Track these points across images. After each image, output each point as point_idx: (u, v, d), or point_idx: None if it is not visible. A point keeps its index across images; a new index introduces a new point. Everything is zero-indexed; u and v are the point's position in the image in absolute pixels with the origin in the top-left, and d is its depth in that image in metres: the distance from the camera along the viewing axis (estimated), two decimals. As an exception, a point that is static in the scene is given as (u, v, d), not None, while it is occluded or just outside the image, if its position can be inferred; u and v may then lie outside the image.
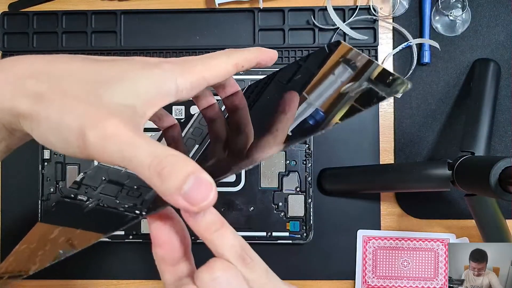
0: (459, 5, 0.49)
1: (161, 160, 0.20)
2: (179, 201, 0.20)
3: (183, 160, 0.21)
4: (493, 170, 0.35)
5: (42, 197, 0.49)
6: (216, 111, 0.31)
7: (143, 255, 0.50)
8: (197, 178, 0.20)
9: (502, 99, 0.49)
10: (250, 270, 0.24)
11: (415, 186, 0.45)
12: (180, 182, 0.20)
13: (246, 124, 0.28)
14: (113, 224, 0.25)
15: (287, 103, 0.27)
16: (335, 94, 0.25)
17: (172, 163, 0.20)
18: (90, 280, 0.50)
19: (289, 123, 0.25)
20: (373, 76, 0.25)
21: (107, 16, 0.51)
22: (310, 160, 0.48)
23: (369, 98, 0.23)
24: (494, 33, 0.50)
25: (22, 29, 0.51)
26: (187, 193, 0.20)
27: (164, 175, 0.20)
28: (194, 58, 0.26)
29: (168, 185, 0.20)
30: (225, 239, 0.24)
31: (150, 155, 0.21)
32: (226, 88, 0.30)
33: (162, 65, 0.25)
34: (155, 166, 0.20)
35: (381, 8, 0.50)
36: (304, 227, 0.48)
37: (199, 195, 0.20)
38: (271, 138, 0.25)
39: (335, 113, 0.24)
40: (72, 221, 0.28)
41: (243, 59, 0.27)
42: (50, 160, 0.49)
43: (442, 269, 0.49)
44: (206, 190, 0.20)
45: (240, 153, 0.25)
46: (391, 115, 0.50)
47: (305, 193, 0.48)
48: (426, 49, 0.50)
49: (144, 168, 0.21)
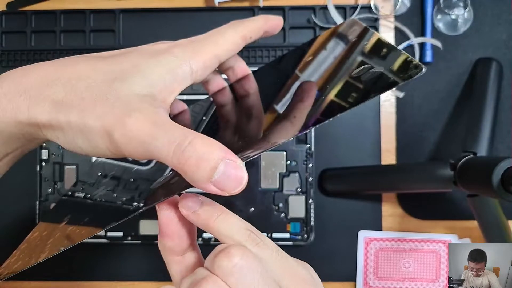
0: (461, 4, 0.49)
1: (184, 149, 0.20)
2: (210, 188, 0.20)
3: (208, 146, 0.20)
4: (495, 171, 0.35)
5: (40, 198, 0.48)
6: (227, 94, 0.30)
7: (142, 256, 0.49)
8: (227, 164, 0.20)
9: (504, 99, 0.49)
10: (262, 250, 0.23)
11: (417, 187, 0.45)
12: (209, 173, 0.20)
13: (258, 108, 0.28)
14: (112, 218, 0.25)
15: (306, 93, 0.26)
16: (346, 78, 0.25)
17: (198, 151, 0.20)
18: (89, 281, 0.50)
19: (306, 111, 0.24)
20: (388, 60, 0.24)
21: (105, 15, 0.50)
22: (311, 160, 0.48)
23: (381, 84, 0.23)
24: (496, 32, 0.50)
25: (20, 28, 0.50)
26: (218, 181, 0.20)
27: (191, 166, 0.20)
28: (202, 38, 0.26)
29: (198, 176, 0.20)
30: (230, 223, 0.23)
31: (171, 144, 0.20)
32: (236, 70, 0.30)
33: (172, 50, 0.24)
34: (179, 156, 0.20)
35: (382, 7, 0.50)
36: (305, 228, 0.48)
37: (231, 182, 0.20)
38: (289, 124, 0.24)
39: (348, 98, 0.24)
40: (72, 218, 0.27)
41: (250, 30, 0.27)
42: (48, 161, 0.49)
43: (443, 271, 0.49)
44: (237, 174, 0.20)
45: (255, 136, 0.25)
46: (393, 115, 0.50)
47: (306, 194, 0.48)
48: (428, 48, 0.49)
49: (168, 159, 0.20)
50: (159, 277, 0.49)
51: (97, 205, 0.28)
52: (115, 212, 0.26)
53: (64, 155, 0.49)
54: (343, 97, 0.24)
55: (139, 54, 0.24)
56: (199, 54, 0.25)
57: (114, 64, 0.23)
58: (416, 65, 0.22)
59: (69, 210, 0.29)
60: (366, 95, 0.23)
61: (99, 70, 0.23)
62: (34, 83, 0.23)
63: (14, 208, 0.50)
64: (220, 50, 0.26)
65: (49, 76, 0.23)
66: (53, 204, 0.48)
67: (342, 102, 0.23)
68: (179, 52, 0.24)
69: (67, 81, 0.23)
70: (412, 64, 0.22)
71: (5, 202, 0.50)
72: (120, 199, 0.27)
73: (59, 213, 0.29)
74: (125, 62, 0.24)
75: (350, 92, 0.24)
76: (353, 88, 0.24)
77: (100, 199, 0.28)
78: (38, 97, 0.22)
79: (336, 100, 0.24)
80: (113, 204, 0.27)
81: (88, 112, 0.21)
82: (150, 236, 0.48)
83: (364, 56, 0.25)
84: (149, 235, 0.48)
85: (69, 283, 0.50)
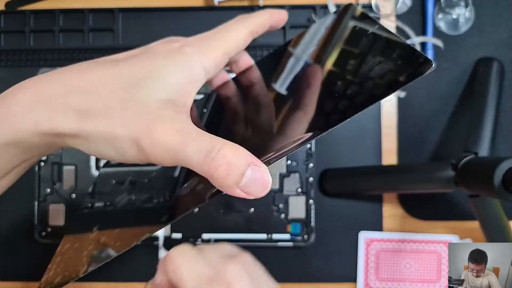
0: (463, 3, 0.49)
1: (213, 157, 0.20)
2: (237, 192, 0.21)
3: (237, 153, 0.21)
4: (496, 171, 0.35)
5: (38, 198, 0.48)
6: (232, 87, 0.30)
7: (141, 256, 0.49)
8: (253, 170, 0.21)
9: (506, 99, 0.49)
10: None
11: (418, 187, 0.44)
12: (238, 179, 0.20)
13: (265, 98, 0.28)
14: (149, 222, 0.25)
15: (311, 77, 0.26)
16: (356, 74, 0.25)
17: (227, 159, 0.20)
18: (88, 282, 0.50)
19: (315, 97, 0.25)
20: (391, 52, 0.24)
21: (104, 14, 0.50)
22: (311, 160, 0.48)
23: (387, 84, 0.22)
24: (497, 31, 0.49)
25: (19, 28, 0.50)
26: (245, 186, 0.21)
27: (220, 173, 0.20)
28: (211, 35, 0.26)
29: (227, 182, 0.20)
30: None
31: (200, 152, 0.21)
32: (239, 63, 0.30)
33: (184, 50, 0.24)
34: (209, 164, 0.20)
35: (383, 6, 0.50)
36: (306, 229, 0.47)
37: (257, 186, 0.21)
38: (301, 113, 0.24)
39: None
40: (101, 227, 0.28)
41: (257, 25, 0.27)
42: (46, 161, 0.48)
43: (444, 271, 0.48)
44: (263, 180, 0.21)
45: (269, 130, 0.25)
46: (393, 115, 0.50)
47: (306, 194, 0.47)
48: (429, 48, 0.49)
49: (197, 167, 0.21)
50: (158, 278, 0.49)
51: (123, 211, 0.28)
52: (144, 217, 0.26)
53: (62, 156, 0.48)
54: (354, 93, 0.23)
55: (153, 56, 0.24)
56: (210, 53, 0.25)
57: (130, 69, 0.23)
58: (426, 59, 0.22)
59: (95, 221, 0.29)
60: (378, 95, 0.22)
61: (117, 75, 0.23)
62: (54, 92, 0.22)
63: (12, 208, 0.49)
64: (229, 47, 0.26)
65: (68, 84, 0.23)
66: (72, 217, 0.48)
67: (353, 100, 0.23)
68: (191, 52, 0.24)
69: (87, 89, 0.22)
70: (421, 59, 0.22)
71: (3, 203, 0.49)
72: (140, 200, 0.27)
73: (84, 225, 0.29)
74: (140, 66, 0.24)
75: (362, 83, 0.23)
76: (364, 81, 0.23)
77: (122, 204, 0.29)
78: (59, 106, 0.22)
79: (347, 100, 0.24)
80: (138, 207, 0.27)
81: (113, 121, 0.22)
82: (149, 237, 0.48)
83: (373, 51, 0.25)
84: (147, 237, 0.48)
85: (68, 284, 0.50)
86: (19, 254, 0.49)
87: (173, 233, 0.48)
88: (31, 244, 0.48)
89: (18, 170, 0.26)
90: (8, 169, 0.25)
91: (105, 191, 0.31)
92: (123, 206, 0.28)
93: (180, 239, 0.48)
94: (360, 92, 0.23)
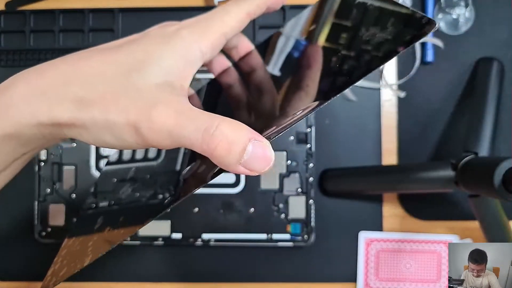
0: (462, 3, 0.49)
1: (212, 135, 0.20)
2: (240, 170, 0.20)
3: (237, 130, 0.20)
4: (496, 171, 0.35)
5: (38, 198, 0.48)
6: (233, 73, 0.30)
7: (141, 257, 0.49)
8: (255, 145, 0.20)
9: (506, 99, 0.49)
10: None
11: (418, 187, 0.44)
12: (239, 156, 0.20)
13: (267, 82, 0.28)
14: (148, 214, 0.25)
15: (311, 58, 0.26)
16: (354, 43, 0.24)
17: (226, 136, 0.20)
18: (88, 282, 0.50)
19: (317, 77, 0.24)
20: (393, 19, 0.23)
21: (104, 14, 0.50)
22: (311, 160, 0.48)
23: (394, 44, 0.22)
24: (497, 31, 0.49)
25: (19, 28, 0.50)
26: (247, 162, 0.20)
27: (221, 151, 0.20)
28: (207, 17, 0.26)
29: (228, 159, 0.20)
30: None
31: (198, 131, 0.20)
32: (239, 48, 0.30)
33: (181, 33, 0.24)
34: (208, 141, 0.20)
35: (383, 6, 0.50)
36: (305, 229, 0.47)
37: (260, 162, 0.20)
38: (303, 94, 0.24)
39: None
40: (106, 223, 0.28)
41: (254, 6, 0.27)
42: (46, 161, 0.48)
43: (444, 271, 0.48)
44: (265, 155, 0.20)
45: (272, 112, 0.25)
46: (394, 115, 0.50)
47: (306, 195, 0.47)
48: (429, 48, 0.49)
49: (197, 146, 0.20)
50: (158, 278, 0.49)
51: (126, 208, 0.28)
52: (148, 209, 0.26)
53: (62, 156, 0.48)
54: (354, 61, 0.23)
55: (149, 41, 0.24)
56: (207, 35, 0.25)
57: (127, 55, 0.23)
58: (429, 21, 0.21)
59: (100, 218, 0.29)
60: (379, 59, 0.22)
61: (114, 62, 0.23)
62: (51, 83, 0.22)
63: (12, 208, 0.49)
64: (226, 28, 0.26)
65: (65, 75, 0.23)
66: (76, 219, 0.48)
67: (354, 66, 0.23)
68: (187, 34, 0.24)
69: (84, 78, 0.22)
70: (424, 20, 0.21)
71: (3, 203, 0.49)
72: (145, 196, 0.27)
73: (90, 224, 0.29)
74: (137, 51, 0.24)
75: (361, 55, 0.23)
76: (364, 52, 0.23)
77: (126, 201, 0.29)
78: (57, 97, 0.22)
79: (346, 66, 0.23)
80: (142, 203, 0.27)
81: (111, 108, 0.21)
82: (149, 237, 0.48)
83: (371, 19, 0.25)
84: (148, 236, 0.48)
85: (68, 284, 0.50)
86: (19, 254, 0.49)
87: (173, 233, 0.48)
88: (31, 244, 0.48)
89: (18, 163, 0.26)
90: (8, 161, 0.25)
91: (108, 190, 0.31)
92: (127, 203, 0.28)
93: (180, 239, 0.48)
94: (361, 61, 0.23)
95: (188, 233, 0.48)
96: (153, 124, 0.21)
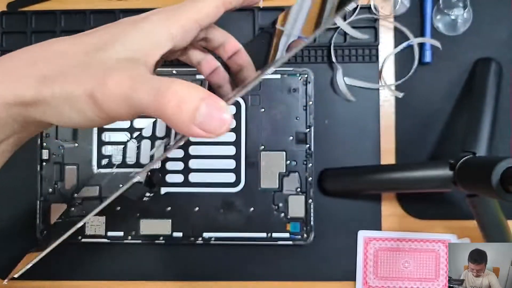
0: (461, 4, 0.49)
1: (163, 93, 0.20)
2: (195, 131, 0.20)
3: (189, 88, 0.20)
4: (494, 171, 0.35)
5: (40, 197, 0.49)
6: (222, 74, 0.31)
7: (142, 255, 0.49)
8: (209, 105, 0.20)
9: (504, 99, 0.49)
10: None
11: (417, 187, 0.45)
12: (191, 114, 0.19)
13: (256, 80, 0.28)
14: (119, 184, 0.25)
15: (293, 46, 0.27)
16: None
17: (178, 94, 0.20)
18: (89, 281, 0.50)
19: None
20: None
21: (106, 15, 0.50)
22: (310, 160, 0.48)
23: None
24: (496, 32, 0.50)
25: (20, 29, 0.50)
26: (202, 123, 0.20)
27: (172, 109, 0.20)
28: (182, 4, 0.26)
29: (181, 118, 0.20)
30: None
31: (151, 92, 0.20)
32: (226, 46, 0.30)
33: (150, 18, 0.25)
34: (160, 101, 0.20)
35: (382, 7, 0.50)
36: (305, 228, 0.48)
37: (215, 122, 0.20)
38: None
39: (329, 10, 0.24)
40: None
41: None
42: (48, 160, 0.49)
43: (443, 270, 0.49)
44: (221, 114, 0.20)
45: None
46: (392, 115, 0.50)
47: (306, 194, 0.48)
48: (428, 48, 0.49)
49: (150, 108, 0.20)
50: (160, 277, 0.49)
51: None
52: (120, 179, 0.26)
53: (64, 155, 0.49)
54: None
55: (118, 26, 0.25)
56: (177, 19, 0.25)
57: (95, 37, 0.24)
58: None
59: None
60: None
61: (81, 43, 0.24)
62: (18, 64, 0.23)
63: (14, 207, 0.50)
64: (199, 15, 0.26)
65: (32, 56, 0.23)
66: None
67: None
68: (157, 19, 0.25)
69: (49, 57, 0.23)
70: None
71: (5, 202, 0.50)
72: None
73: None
74: (105, 34, 0.24)
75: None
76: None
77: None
78: (22, 76, 0.22)
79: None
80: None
81: (70, 81, 0.22)
82: (151, 236, 0.48)
83: None
84: (150, 235, 0.48)
85: (69, 282, 0.50)
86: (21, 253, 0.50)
87: (174, 232, 0.48)
88: (32, 243, 0.49)
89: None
90: None
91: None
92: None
93: (181, 238, 0.48)
94: None
95: (189, 232, 0.48)
96: (107, 89, 0.21)
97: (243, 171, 0.48)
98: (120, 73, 0.21)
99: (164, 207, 0.48)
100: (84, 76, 0.22)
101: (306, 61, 0.49)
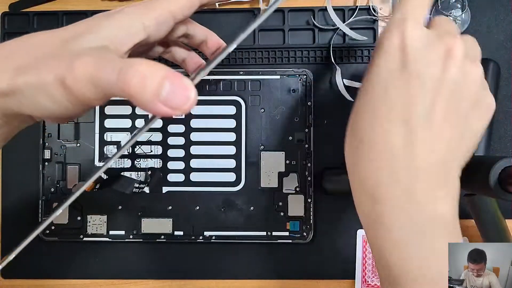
0: (459, 5, 0.49)
1: (126, 71, 0.20)
2: (160, 108, 0.20)
3: (151, 66, 0.20)
4: (492, 170, 0.35)
5: (42, 197, 0.49)
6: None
7: (144, 254, 0.50)
8: (172, 81, 0.20)
9: (502, 99, 0.49)
10: None
11: (415, 186, 0.45)
12: (155, 91, 0.20)
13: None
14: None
15: None
16: None
17: (141, 71, 0.20)
18: (91, 280, 0.50)
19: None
20: None
21: (107, 16, 0.51)
22: (310, 160, 0.48)
23: None
24: (494, 33, 0.50)
25: (22, 29, 0.51)
26: (167, 99, 0.20)
27: (135, 86, 0.20)
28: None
29: (145, 96, 0.20)
30: None
31: (115, 71, 0.20)
32: (208, 43, 0.31)
33: (125, 10, 0.26)
34: (123, 79, 0.20)
35: (381, 9, 0.50)
36: (304, 227, 0.48)
37: (179, 98, 0.20)
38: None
39: None
40: None
41: None
42: (50, 160, 0.49)
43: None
44: (185, 91, 0.20)
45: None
46: (391, 115, 0.50)
47: (305, 193, 0.48)
48: (426, 49, 0.50)
49: (115, 88, 0.21)
50: (161, 275, 0.50)
51: None
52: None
53: (66, 155, 0.49)
54: None
55: (95, 17, 0.26)
56: (151, 10, 0.26)
57: (71, 30, 0.25)
58: None
59: None
60: None
61: (56, 36, 0.24)
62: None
63: (16, 206, 0.50)
64: (173, 7, 0.27)
65: (10, 49, 0.24)
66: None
67: None
68: (131, 11, 0.26)
69: (26, 49, 0.24)
70: None
71: (8, 201, 0.50)
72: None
73: None
74: (81, 26, 0.25)
75: None
76: None
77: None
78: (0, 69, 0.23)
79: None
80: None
81: (42, 68, 0.22)
82: (152, 234, 0.49)
83: None
84: (151, 233, 0.49)
85: (71, 281, 0.50)
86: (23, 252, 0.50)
87: (175, 231, 0.48)
88: (35, 242, 0.49)
89: None
90: None
91: None
92: None
93: (181, 236, 0.48)
94: None
95: (190, 230, 0.48)
96: (75, 72, 0.21)
97: (243, 170, 0.48)
98: (87, 57, 0.22)
99: (165, 206, 0.49)
100: (54, 63, 0.22)
101: (305, 62, 0.50)
